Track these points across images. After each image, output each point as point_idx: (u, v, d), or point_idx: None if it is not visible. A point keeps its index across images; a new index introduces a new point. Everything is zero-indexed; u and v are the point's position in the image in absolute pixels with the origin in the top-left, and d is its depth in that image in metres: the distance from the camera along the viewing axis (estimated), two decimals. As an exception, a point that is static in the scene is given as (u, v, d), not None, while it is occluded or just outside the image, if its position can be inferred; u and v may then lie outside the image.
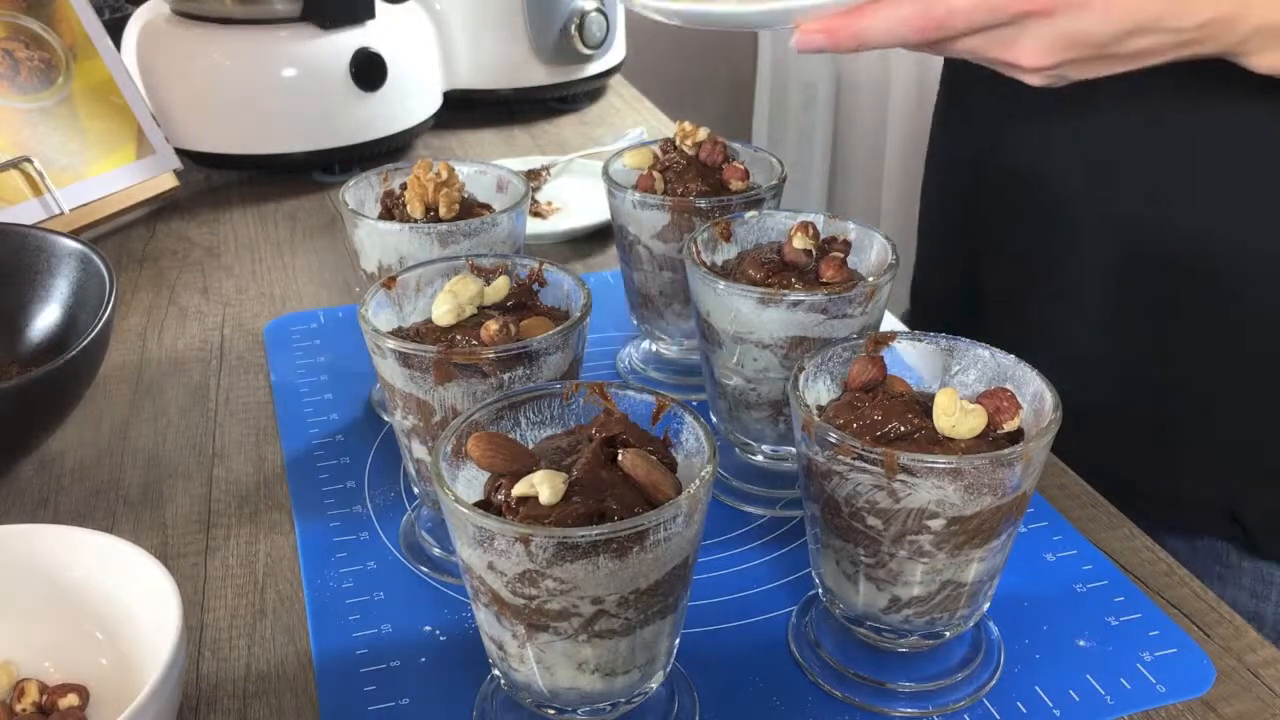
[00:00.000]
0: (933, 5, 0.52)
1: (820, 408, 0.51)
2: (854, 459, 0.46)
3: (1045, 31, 0.53)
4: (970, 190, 0.83)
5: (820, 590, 0.53)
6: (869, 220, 0.64)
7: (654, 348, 0.79)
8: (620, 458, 0.44)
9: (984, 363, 0.52)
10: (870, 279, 0.59)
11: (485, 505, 0.44)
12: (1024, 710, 0.51)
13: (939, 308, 0.91)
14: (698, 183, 0.71)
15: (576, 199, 1.05)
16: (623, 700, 0.47)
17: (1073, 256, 0.74)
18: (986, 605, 0.52)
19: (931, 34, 0.53)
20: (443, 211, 0.67)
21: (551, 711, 0.47)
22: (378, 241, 0.66)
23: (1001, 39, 0.54)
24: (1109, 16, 0.53)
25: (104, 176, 0.97)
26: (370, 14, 1.09)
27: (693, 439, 0.46)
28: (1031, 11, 0.52)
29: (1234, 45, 0.55)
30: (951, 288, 0.88)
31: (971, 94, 0.81)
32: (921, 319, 0.93)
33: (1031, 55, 0.54)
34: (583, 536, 0.40)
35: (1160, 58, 0.56)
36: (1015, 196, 0.77)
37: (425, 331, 0.55)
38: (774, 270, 0.60)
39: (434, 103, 1.19)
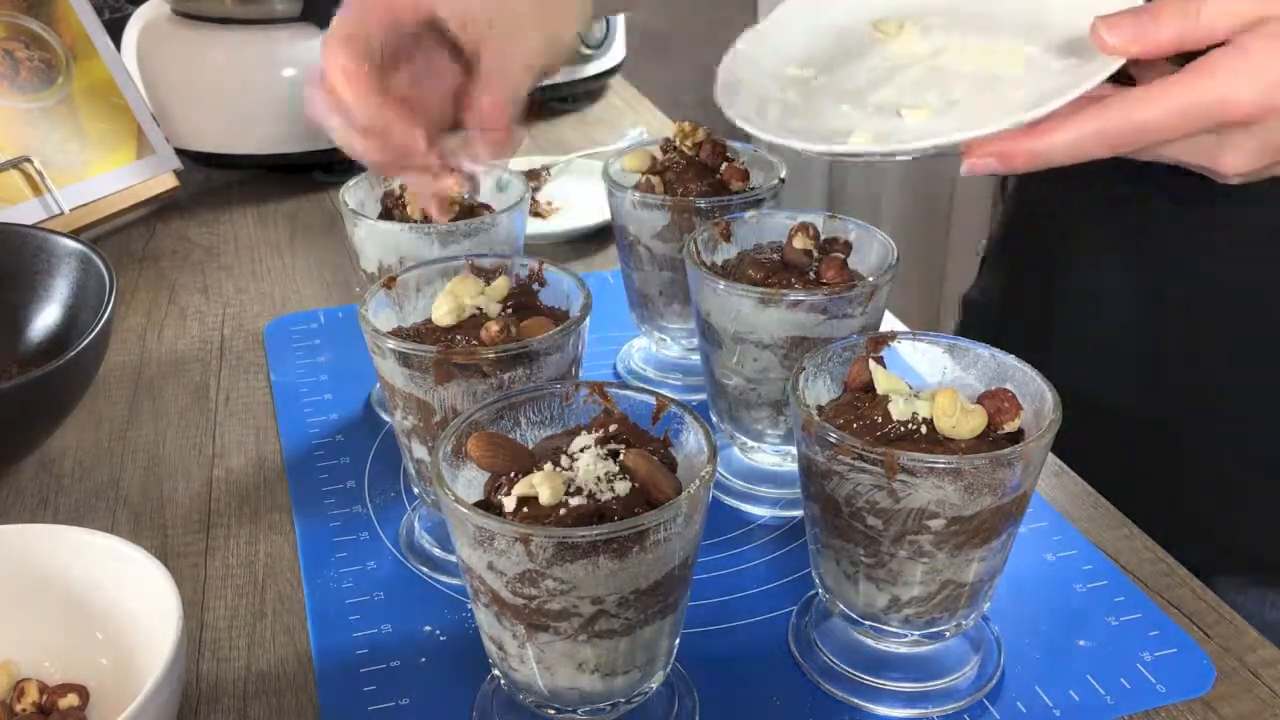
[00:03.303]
0: (1124, 119, 0.48)
1: (820, 408, 0.51)
2: (854, 459, 0.46)
3: (1247, 143, 0.50)
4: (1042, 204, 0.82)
5: (820, 590, 0.53)
6: (869, 220, 0.64)
7: (654, 348, 0.79)
8: (620, 458, 0.44)
9: (984, 363, 0.52)
10: (870, 279, 0.59)
11: (485, 505, 0.44)
12: (1024, 710, 0.51)
13: (993, 313, 0.89)
14: (698, 183, 0.71)
15: (576, 199, 1.05)
16: (623, 700, 0.47)
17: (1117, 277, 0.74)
18: (986, 605, 0.52)
19: (1122, 148, 0.50)
20: (443, 212, 0.67)
21: (551, 711, 0.47)
22: (378, 241, 0.66)
23: (1199, 147, 0.50)
24: None
25: (104, 176, 0.97)
26: (370, 14, 1.09)
27: (693, 439, 0.46)
28: (1230, 123, 0.49)
29: None
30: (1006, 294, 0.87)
31: None
32: (973, 330, 0.91)
33: (1233, 164, 0.51)
34: (583, 536, 0.40)
35: None
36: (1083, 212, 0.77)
37: (425, 331, 0.55)
38: (774, 270, 0.60)
39: (434, 103, 1.19)
